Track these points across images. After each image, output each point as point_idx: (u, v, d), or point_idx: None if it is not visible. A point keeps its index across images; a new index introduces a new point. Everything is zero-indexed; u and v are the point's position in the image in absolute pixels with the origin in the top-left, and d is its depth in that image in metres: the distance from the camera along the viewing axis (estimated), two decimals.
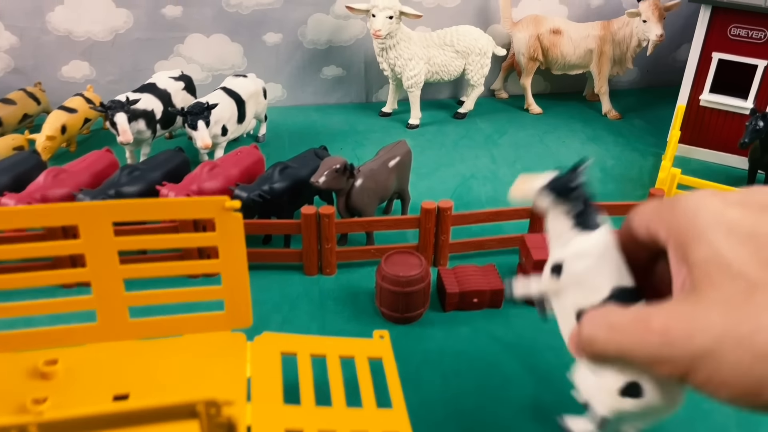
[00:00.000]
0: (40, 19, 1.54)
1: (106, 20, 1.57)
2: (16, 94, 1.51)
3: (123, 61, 1.63)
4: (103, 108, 1.26)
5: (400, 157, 1.19)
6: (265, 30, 1.65)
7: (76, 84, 1.64)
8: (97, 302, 0.74)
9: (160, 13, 1.58)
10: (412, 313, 1.00)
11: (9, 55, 1.58)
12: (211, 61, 1.67)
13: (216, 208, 0.72)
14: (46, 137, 1.39)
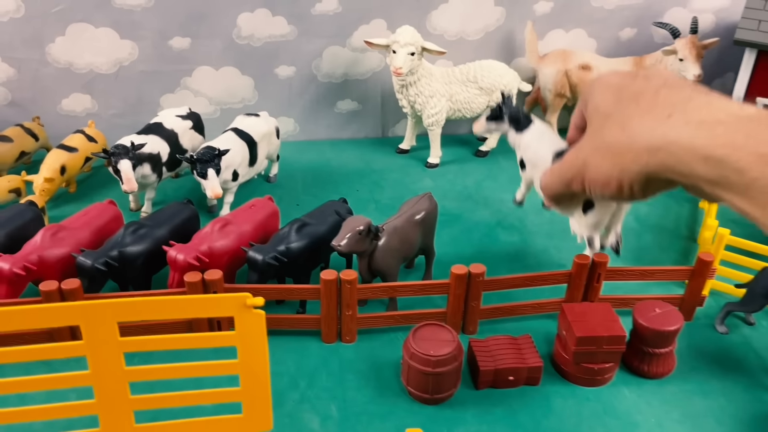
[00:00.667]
0: (39, 51, 1.45)
1: (109, 52, 1.48)
2: (12, 131, 1.42)
3: (127, 94, 1.55)
4: (107, 154, 1.17)
5: (426, 212, 1.11)
6: (277, 63, 1.57)
7: (76, 118, 1.55)
8: (99, 407, 0.65)
9: (167, 44, 1.49)
10: (443, 394, 0.91)
11: (6, 87, 1.49)
12: (220, 95, 1.59)
13: (236, 305, 0.63)
14: (45, 179, 1.30)
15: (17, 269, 0.93)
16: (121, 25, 1.45)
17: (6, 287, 0.93)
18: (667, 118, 0.40)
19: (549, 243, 1.29)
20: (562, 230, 1.33)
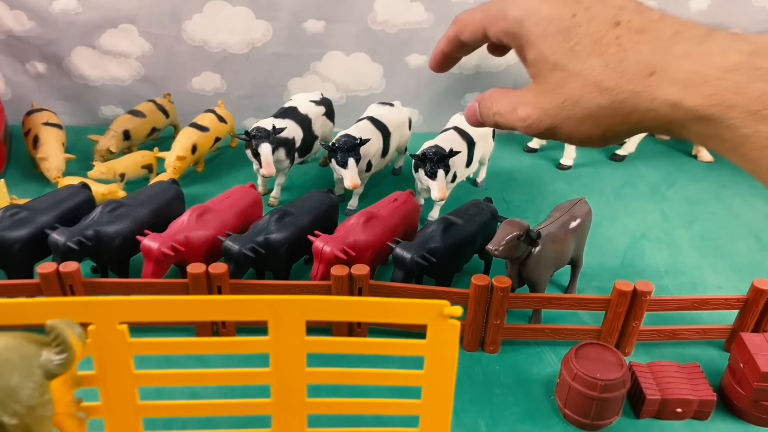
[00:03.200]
0: (175, 27, 1.45)
1: (243, 32, 1.46)
2: (145, 106, 1.42)
3: (256, 76, 1.53)
4: (248, 136, 1.15)
5: (581, 220, 1.03)
6: (409, 51, 1.51)
7: (205, 97, 1.54)
8: (274, 407, 0.61)
9: (300, 27, 1.46)
10: (604, 421, 0.84)
11: (140, 62, 1.49)
12: (348, 81, 1.55)
13: (432, 313, 0.57)
14: (177, 157, 1.29)
15: (166, 249, 0.91)
16: (258, 4, 1.42)
17: (153, 266, 0.91)
18: (648, 77, 0.38)
19: (703, 261, 1.18)
20: (716, 247, 1.22)
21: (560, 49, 0.41)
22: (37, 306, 0.54)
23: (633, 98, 0.39)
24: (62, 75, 1.49)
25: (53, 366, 0.50)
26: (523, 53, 0.45)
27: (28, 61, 1.48)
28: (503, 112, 0.47)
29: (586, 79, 0.41)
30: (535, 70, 0.43)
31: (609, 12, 0.41)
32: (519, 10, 0.44)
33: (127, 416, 0.60)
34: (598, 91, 0.40)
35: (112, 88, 1.52)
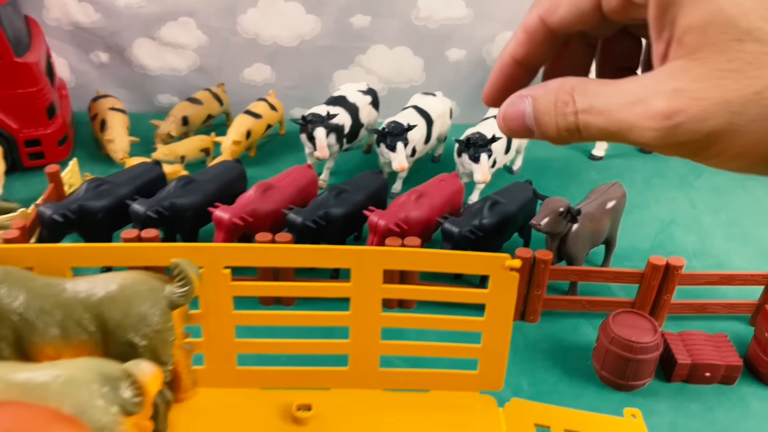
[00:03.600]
0: (231, 21, 1.54)
1: (294, 26, 1.55)
2: (202, 94, 1.52)
3: (304, 68, 1.62)
4: (304, 121, 1.24)
5: (616, 201, 1.10)
6: (449, 45, 1.59)
7: (255, 87, 1.63)
8: (352, 347, 0.70)
9: (347, 21, 1.55)
10: (638, 381, 0.91)
11: (197, 53, 1.59)
12: (390, 74, 1.63)
13: (495, 265, 0.65)
14: (233, 141, 1.38)
15: (236, 219, 1.00)
16: (309, 0, 1.52)
17: (224, 235, 1.00)
18: None
19: (729, 246, 1.25)
20: (741, 233, 1.29)
21: (759, 9, 0.28)
22: (158, 250, 0.63)
23: None
24: (123, 64, 1.60)
25: (176, 297, 0.59)
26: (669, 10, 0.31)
27: (92, 51, 1.58)
28: (608, 109, 0.32)
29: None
30: (698, 41, 0.30)
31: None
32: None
33: (224, 352, 0.69)
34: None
35: (170, 78, 1.62)
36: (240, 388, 0.69)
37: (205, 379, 0.68)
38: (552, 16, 0.36)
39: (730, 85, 0.29)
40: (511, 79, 0.40)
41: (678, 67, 0.31)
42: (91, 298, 0.58)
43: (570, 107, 0.33)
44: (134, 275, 0.60)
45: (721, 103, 0.29)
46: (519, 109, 0.36)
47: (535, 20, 0.37)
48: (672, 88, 0.30)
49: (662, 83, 0.31)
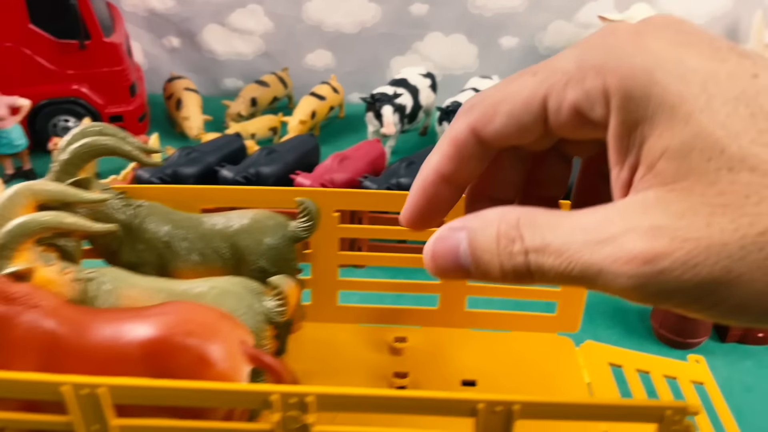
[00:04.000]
0: (297, 8, 1.63)
1: (356, 13, 1.64)
2: (269, 77, 1.61)
3: (363, 54, 1.70)
4: (372, 100, 1.32)
5: None
6: (503, 33, 1.66)
7: (316, 72, 1.72)
8: (441, 288, 0.77)
9: (407, 10, 1.63)
10: (696, 339, 0.97)
11: (263, 39, 1.68)
12: (444, 60, 1.70)
13: None
14: (299, 121, 1.47)
15: (316, 185, 1.08)
16: None
17: None
18: None
19: None
20: None
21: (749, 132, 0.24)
22: (282, 192, 0.71)
23: None
24: (193, 49, 1.69)
25: (300, 231, 0.67)
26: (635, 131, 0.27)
27: (164, 36, 1.68)
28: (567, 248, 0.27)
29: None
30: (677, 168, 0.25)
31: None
32: (640, 55, 0.27)
33: (328, 289, 0.76)
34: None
35: (236, 63, 1.71)
36: (341, 323, 0.77)
37: (310, 314, 0.76)
38: (486, 128, 0.31)
39: (724, 224, 0.24)
40: (436, 198, 0.34)
41: (652, 198, 0.26)
42: (228, 230, 0.66)
43: (517, 245, 0.28)
44: (263, 212, 0.68)
45: (715, 245, 0.24)
46: (451, 245, 0.30)
47: (465, 131, 0.31)
48: (650, 224, 0.25)
49: (635, 218, 0.26)
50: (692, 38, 0.27)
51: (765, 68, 0.25)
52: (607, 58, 0.27)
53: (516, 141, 0.31)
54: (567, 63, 0.29)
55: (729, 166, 0.24)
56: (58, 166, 0.63)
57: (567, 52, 0.30)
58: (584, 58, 0.28)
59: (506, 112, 0.30)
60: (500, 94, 0.31)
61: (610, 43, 0.27)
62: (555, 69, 0.29)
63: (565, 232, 0.27)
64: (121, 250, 0.66)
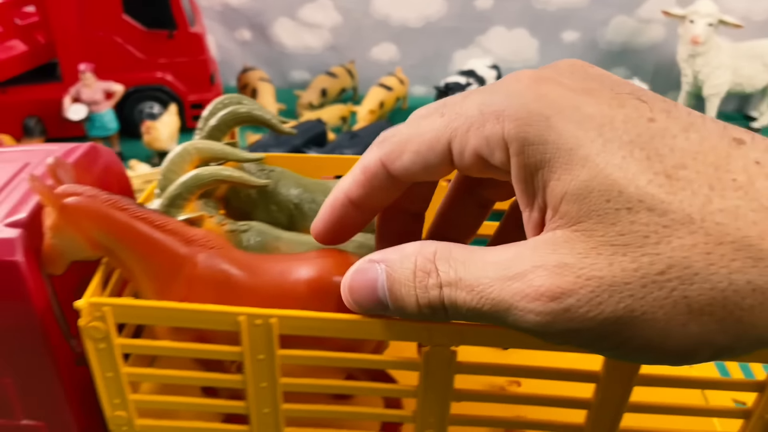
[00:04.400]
0: (365, 3, 1.69)
1: (422, 8, 1.69)
2: (337, 69, 1.67)
3: (426, 48, 1.75)
4: (446, 88, 1.37)
5: None
6: (565, 27, 1.70)
7: (381, 65, 1.78)
8: None
9: (472, 4, 1.68)
10: None
11: (331, 33, 1.75)
12: (506, 54, 1.75)
13: None
14: (368, 111, 1.53)
15: None
16: None
17: None
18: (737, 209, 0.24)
19: None
20: None
21: (646, 173, 0.25)
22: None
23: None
24: (264, 42, 1.76)
25: None
26: (536, 175, 0.27)
27: (237, 30, 1.76)
28: (478, 283, 0.28)
29: (714, 231, 0.24)
30: (578, 210, 0.26)
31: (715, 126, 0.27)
32: (538, 101, 0.27)
33: None
34: (747, 258, 0.24)
35: (304, 55, 1.78)
36: None
37: None
38: (394, 163, 0.32)
39: (626, 263, 0.24)
40: (344, 219, 0.36)
41: (560, 237, 0.26)
42: None
43: (433, 278, 0.29)
44: None
45: (618, 283, 0.25)
46: (369, 278, 0.31)
47: (376, 163, 0.33)
48: (556, 262, 0.26)
49: (543, 256, 0.26)
50: (593, 84, 0.28)
51: (662, 111, 0.27)
52: (507, 104, 0.27)
53: (424, 178, 0.32)
54: (470, 107, 0.29)
55: (628, 207, 0.24)
56: (206, 132, 0.69)
57: (473, 96, 0.30)
58: (486, 103, 0.29)
59: (413, 151, 0.31)
60: (409, 132, 0.32)
61: (511, 89, 0.28)
62: (460, 112, 0.30)
63: (478, 268, 0.28)
64: (255, 211, 0.72)
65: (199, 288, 0.53)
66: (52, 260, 0.54)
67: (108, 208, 0.51)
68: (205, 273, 0.53)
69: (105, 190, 0.54)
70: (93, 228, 0.51)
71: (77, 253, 0.53)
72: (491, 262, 0.28)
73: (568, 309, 0.25)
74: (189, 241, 0.53)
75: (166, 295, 0.52)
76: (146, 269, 0.52)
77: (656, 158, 0.25)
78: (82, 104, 1.31)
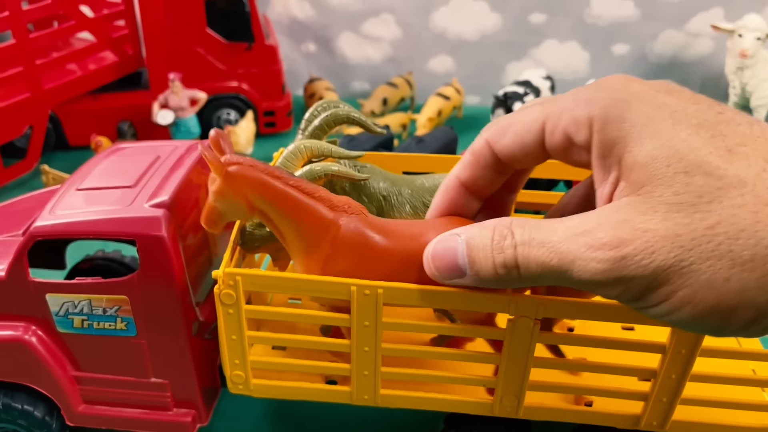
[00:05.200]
0: (424, 17, 1.79)
1: (478, 22, 1.79)
2: (398, 80, 1.77)
3: (481, 60, 1.84)
4: (504, 98, 1.46)
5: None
6: (615, 41, 1.78)
7: (437, 77, 1.87)
8: None
9: (526, 19, 1.77)
10: None
11: (391, 46, 1.85)
12: (557, 66, 1.83)
13: None
14: (428, 119, 1.62)
15: None
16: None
17: None
18: None
19: None
20: None
21: (707, 146, 0.29)
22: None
23: None
24: (328, 54, 1.88)
25: None
26: (612, 151, 0.32)
27: (303, 42, 1.87)
28: (549, 240, 0.32)
29: (763, 193, 0.27)
30: (643, 176, 0.30)
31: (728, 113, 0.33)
32: (623, 90, 0.33)
33: None
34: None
35: (365, 67, 1.89)
36: None
37: None
38: (497, 143, 0.38)
39: (678, 219, 0.28)
40: (456, 202, 0.42)
41: (624, 202, 0.30)
42: (435, 185, 0.80)
43: (508, 240, 0.33)
44: None
45: (669, 236, 0.28)
46: (450, 246, 0.35)
47: (482, 144, 0.39)
48: (617, 219, 0.30)
49: (608, 215, 0.30)
50: (674, 88, 0.35)
51: (731, 110, 0.30)
52: (597, 93, 0.33)
53: (522, 160, 0.38)
54: (566, 97, 0.36)
55: (685, 171, 0.28)
56: (309, 133, 0.79)
57: (569, 92, 0.36)
58: (580, 93, 0.35)
59: (514, 131, 0.37)
60: (513, 117, 0.38)
61: (602, 85, 0.36)
62: (556, 101, 0.36)
63: (549, 230, 0.33)
64: None
65: (342, 248, 0.59)
66: (212, 221, 0.61)
67: (265, 176, 0.59)
68: (346, 235, 0.59)
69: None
70: (252, 193, 0.59)
71: (236, 214, 0.61)
72: (561, 225, 0.33)
73: (624, 257, 0.29)
74: (333, 207, 0.60)
75: (312, 253, 0.60)
76: (296, 230, 0.60)
77: (719, 137, 0.29)
78: (170, 110, 1.43)
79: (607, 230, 0.30)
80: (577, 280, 0.31)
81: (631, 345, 0.64)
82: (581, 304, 0.59)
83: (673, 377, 0.63)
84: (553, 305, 0.58)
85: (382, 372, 0.67)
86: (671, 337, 0.60)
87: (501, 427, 0.75)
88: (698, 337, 0.60)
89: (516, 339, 0.61)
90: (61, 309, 0.70)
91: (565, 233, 0.32)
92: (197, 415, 0.77)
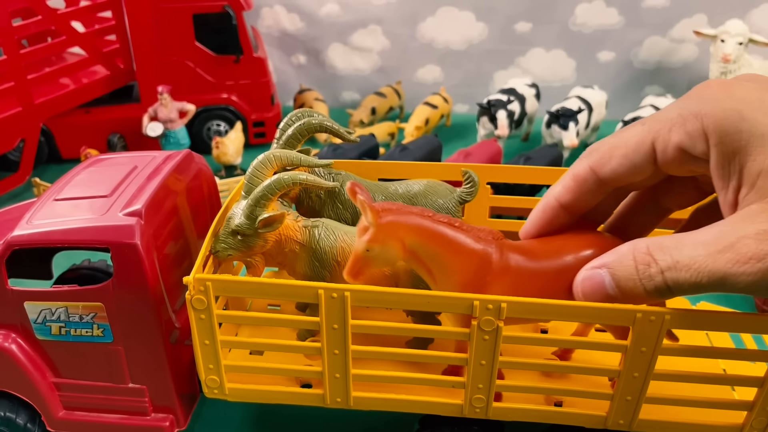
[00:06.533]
0: (412, 27, 1.82)
1: (465, 32, 1.81)
2: (386, 89, 1.80)
3: (468, 69, 1.86)
4: (488, 105, 1.48)
5: None
6: (600, 48, 1.80)
7: (425, 86, 1.90)
8: None
9: (512, 28, 1.79)
10: None
11: (379, 56, 1.88)
12: (544, 73, 1.85)
13: None
14: (415, 127, 1.64)
15: None
16: (480, 9, 1.77)
17: None
18: None
19: None
20: None
21: None
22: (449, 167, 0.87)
23: None
24: (317, 66, 1.90)
25: (464, 195, 0.82)
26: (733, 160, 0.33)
27: (293, 54, 1.90)
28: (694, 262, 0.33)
29: None
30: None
31: None
32: (729, 100, 0.34)
33: None
34: None
35: (354, 78, 1.92)
36: None
37: None
38: (603, 168, 0.39)
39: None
40: (554, 221, 0.44)
41: (756, 210, 0.32)
42: (408, 193, 0.82)
43: (654, 267, 0.34)
44: (433, 180, 0.84)
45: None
46: (597, 282, 0.38)
47: (586, 170, 0.40)
48: (757, 230, 0.31)
49: (744, 228, 0.31)
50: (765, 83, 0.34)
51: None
52: (703, 106, 0.35)
53: (628, 179, 0.39)
54: (669, 113, 0.37)
55: None
56: (283, 142, 0.81)
57: (669, 106, 0.37)
58: (684, 107, 0.36)
59: (621, 155, 0.38)
60: (615, 140, 0.39)
61: (704, 94, 0.36)
62: (659, 119, 0.38)
63: (690, 249, 0.33)
64: (323, 210, 0.83)
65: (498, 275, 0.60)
66: (357, 270, 0.60)
67: (420, 218, 0.60)
68: (499, 263, 0.60)
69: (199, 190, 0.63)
70: (409, 236, 0.60)
71: (387, 261, 0.61)
72: (700, 242, 0.33)
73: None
74: (478, 238, 0.61)
75: (468, 284, 0.60)
76: (449, 266, 0.60)
77: None
78: (159, 122, 1.46)
79: (750, 245, 0.32)
80: (732, 291, 0.34)
81: (595, 345, 0.65)
82: (549, 306, 0.60)
83: (636, 376, 0.64)
84: (518, 306, 0.60)
85: (353, 374, 0.68)
86: (631, 337, 0.62)
87: (475, 427, 0.76)
88: (658, 336, 0.61)
89: (479, 341, 0.62)
90: (39, 316, 0.72)
91: (706, 251, 0.33)
92: (175, 420, 0.78)
